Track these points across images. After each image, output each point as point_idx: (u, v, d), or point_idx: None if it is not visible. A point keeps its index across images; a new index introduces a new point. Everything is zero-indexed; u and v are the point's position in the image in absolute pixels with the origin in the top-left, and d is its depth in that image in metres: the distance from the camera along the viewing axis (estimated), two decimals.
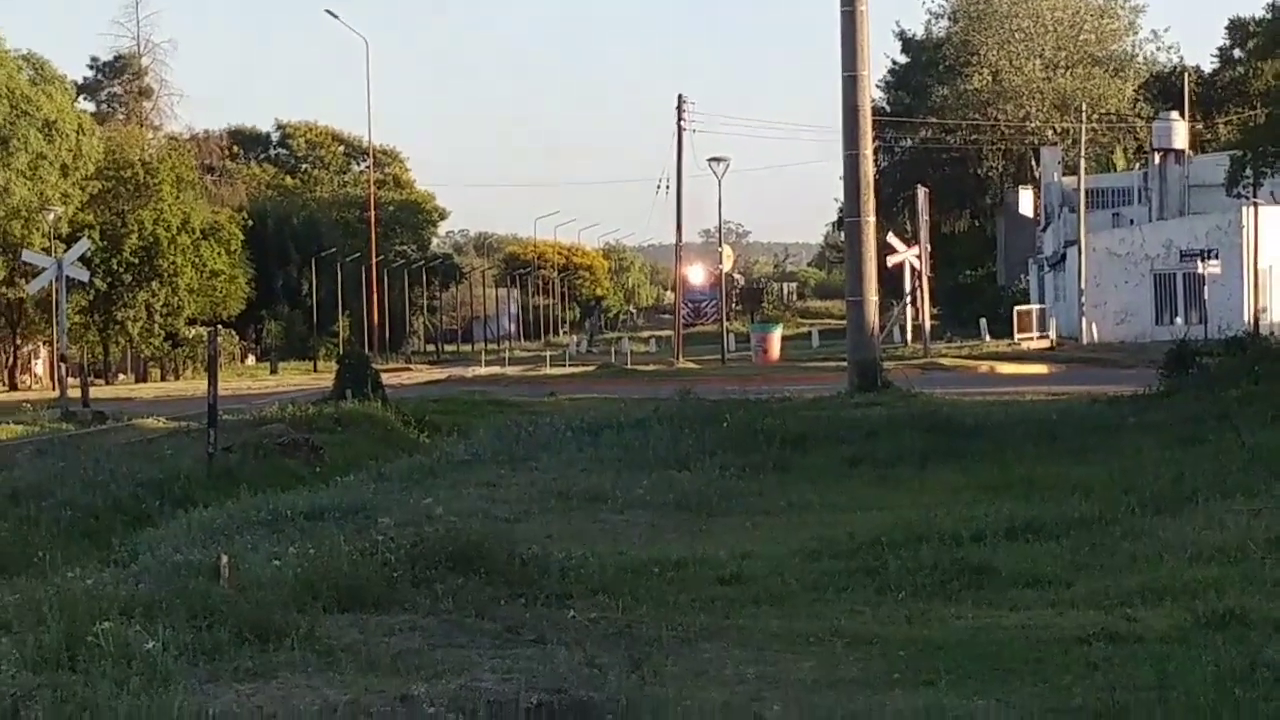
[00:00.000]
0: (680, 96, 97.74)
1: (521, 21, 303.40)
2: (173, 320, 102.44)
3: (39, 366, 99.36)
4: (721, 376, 65.27)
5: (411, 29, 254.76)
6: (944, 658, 14.30)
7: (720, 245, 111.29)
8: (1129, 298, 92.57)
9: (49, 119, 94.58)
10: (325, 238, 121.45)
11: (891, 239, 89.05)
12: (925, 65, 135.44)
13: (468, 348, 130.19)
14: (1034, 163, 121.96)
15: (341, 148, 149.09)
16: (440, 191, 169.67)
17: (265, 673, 13.22)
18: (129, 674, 12.51)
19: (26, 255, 77.28)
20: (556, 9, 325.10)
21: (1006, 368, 72.63)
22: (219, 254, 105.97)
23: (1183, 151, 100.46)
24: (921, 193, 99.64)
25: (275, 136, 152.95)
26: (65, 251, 73.37)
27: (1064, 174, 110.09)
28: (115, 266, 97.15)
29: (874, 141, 59.67)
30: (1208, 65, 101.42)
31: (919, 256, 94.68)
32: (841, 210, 64.54)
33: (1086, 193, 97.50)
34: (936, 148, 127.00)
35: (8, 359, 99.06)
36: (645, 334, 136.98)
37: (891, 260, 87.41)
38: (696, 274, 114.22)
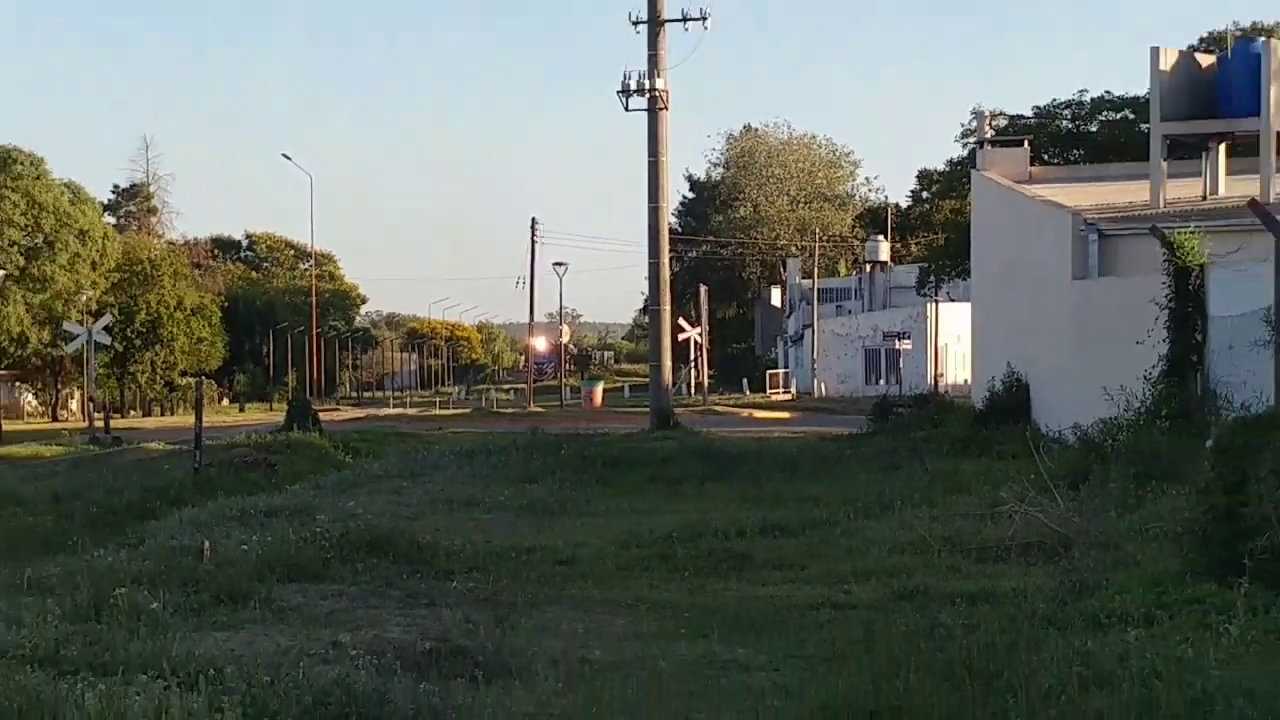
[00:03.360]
0: (534, 219, 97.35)
1: (439, 143, 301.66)
2: (170, 372, 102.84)
3: (73, 404, 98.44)
4: (560, 418, 64.89)
5: (341, 158, 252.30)
6: (716, 619, 14.34)
7: (560, 324, 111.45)
8: (847, 365, 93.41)
9: (83, 229, 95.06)
10: (280, 316, 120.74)
11: (681, 322, 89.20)
12: (706, 199, 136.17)
13: (381, 394, 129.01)
14: (782, 269, 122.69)
15: (292, 251, 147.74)
16: (362, 282, 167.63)
17: (236, 625, 13.22)
18: (138, 625, 12.46)
19: (66, 325, 76.99)
20: (444, 147, 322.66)
21: (761, 413, 72.71)
22: (204, 326, 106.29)
23: (886, 263, 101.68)
24: (703, 290, 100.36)
25: (244, 242, 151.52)
26: (94, 322, 72.91)
27: (803, 277, 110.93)
28: (129, 334, 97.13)
29: (670, 252, 59.65)
30: (904, 202, 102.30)
31: (700, 334, 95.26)
32: (647, 301, 64.59)
33: (818, 291, 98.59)
34: (714, 258, 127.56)
35: (51, 399, 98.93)
36: (507, 386, 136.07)
37: (681, 336, 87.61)
38: (540, 344, 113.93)
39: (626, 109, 53.76)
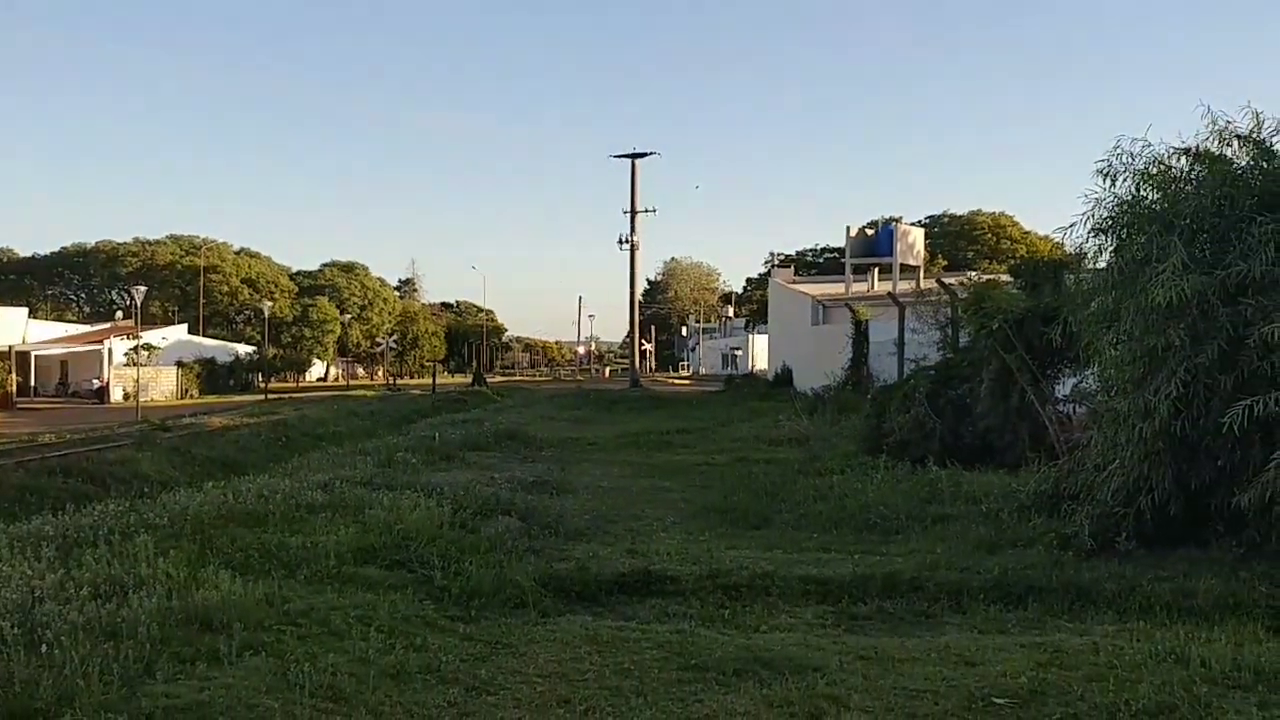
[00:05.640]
0: (580, 298, 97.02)
1: (528, 248, 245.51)
2: (422, 360, 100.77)
3: (380, 373, 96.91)
4: (590, 383, 64.56)
5: (499, 257, 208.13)
6: (657, 470, 14.18)
7: (592, 342, 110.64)
8: (715, 360, 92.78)
9: (385, 298, 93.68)
10: (469, 337, 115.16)
11: (643, 341, 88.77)
12: (656, 288, 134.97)
13: (512, 372, 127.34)
14: (687, 319, 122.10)
15: (475, 308, 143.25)
16: (506, 321, 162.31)
17: (448, 469, 12.96)
18: (408, 467, 12.34)
19: (378, 340, 76.24)
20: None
21: (677, 383, 72.06)
22: (437, 340, 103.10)
23: (731, 317, 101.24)
24: (653, 328, 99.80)
25: (455, 304, 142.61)
26: (389, 338, 72.36)
27: (696, 322, 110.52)
28: (404, 343, 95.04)
29: (640, 312, 59.55)
30: (740, 289, 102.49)
31: (652, 347, 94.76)
32: (628, 334, 64.50)
33: (702, 329, 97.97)
34: (659, 314, 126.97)
35: (370, 372, 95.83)
36: (568, 369, 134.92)
37: (643, 347, 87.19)
38: (581, 350, 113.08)
39: (620, 250, 53.95)
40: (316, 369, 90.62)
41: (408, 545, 7.40)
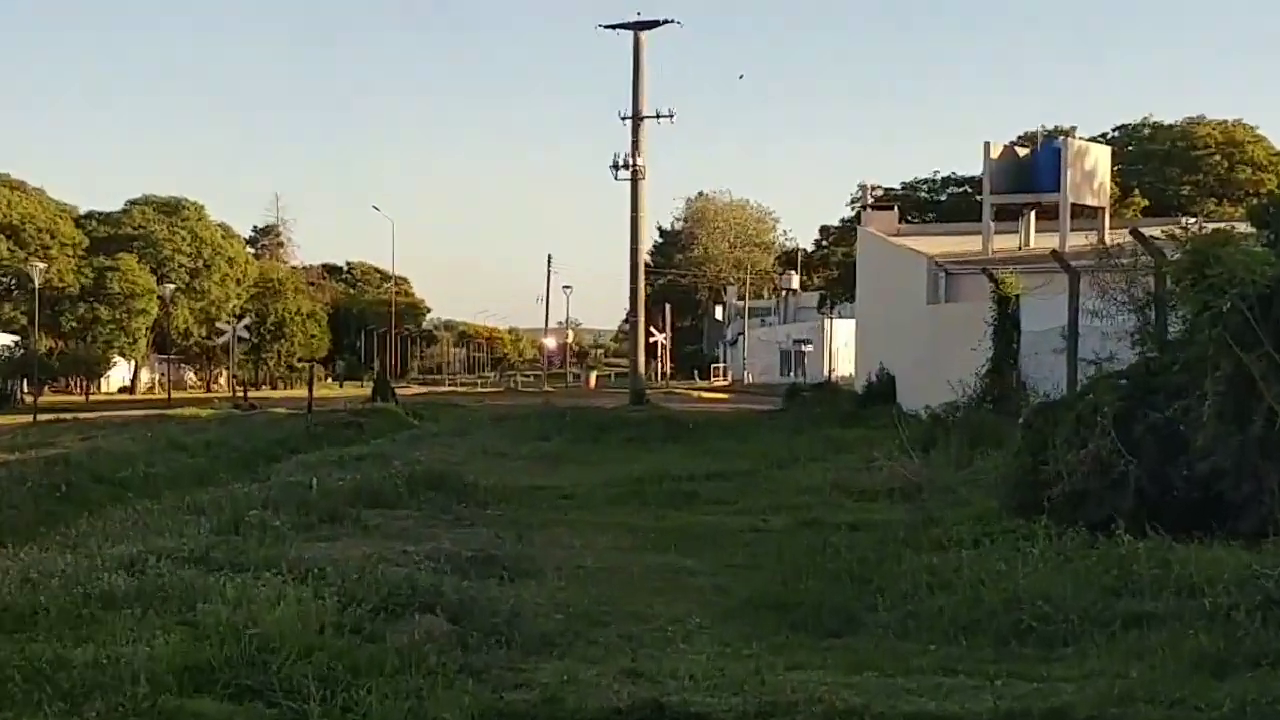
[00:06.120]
0: (549, 256, 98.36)
1: (480, 198, 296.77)
2: (291, 359, 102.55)
3: (222, 380, 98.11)
4: (565, 395, 64.86)
5: (420, 207, 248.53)
6: (672, 538, 14.23)
7: (567, 329, 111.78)
8: (767, 361, 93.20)
9: (231, 257, 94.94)
10: (368, 320, 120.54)
11: (652, 329, 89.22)
12: (671, 243, 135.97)
13: (438, 377, 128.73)
14: (723, 294, 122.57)
15: (378, 274, 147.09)
16: (428, 296, 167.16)
17: (334, 538, 13.06)
18: (265, 537, 12.35)
19: (219, 325, 76.91)
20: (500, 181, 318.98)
21: (706, 395, 72.62)
22: (315, 326, 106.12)
23: (796, 290, 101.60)
24: (667, 307, 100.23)
25: (344, 267, 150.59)
26: (239, 323, 72.85)
27: (737, 299, 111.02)
28: (262, 331, 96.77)
29: (645, 279, 59.74)
30: (810, 247, 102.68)
31: (665, 338, 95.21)
32: (628, 314, 64.66)
33: (748, 309, 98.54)
34: (676, 284, 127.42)
35: (206, 376, 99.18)
36: (528, 373, 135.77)
37: (651, 339, 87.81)
38: (551, 343, 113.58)
39: (616, 179, 54.03)
40: (119, 373, 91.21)
41: (266, 662, 7.45)
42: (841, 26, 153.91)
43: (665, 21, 54.84)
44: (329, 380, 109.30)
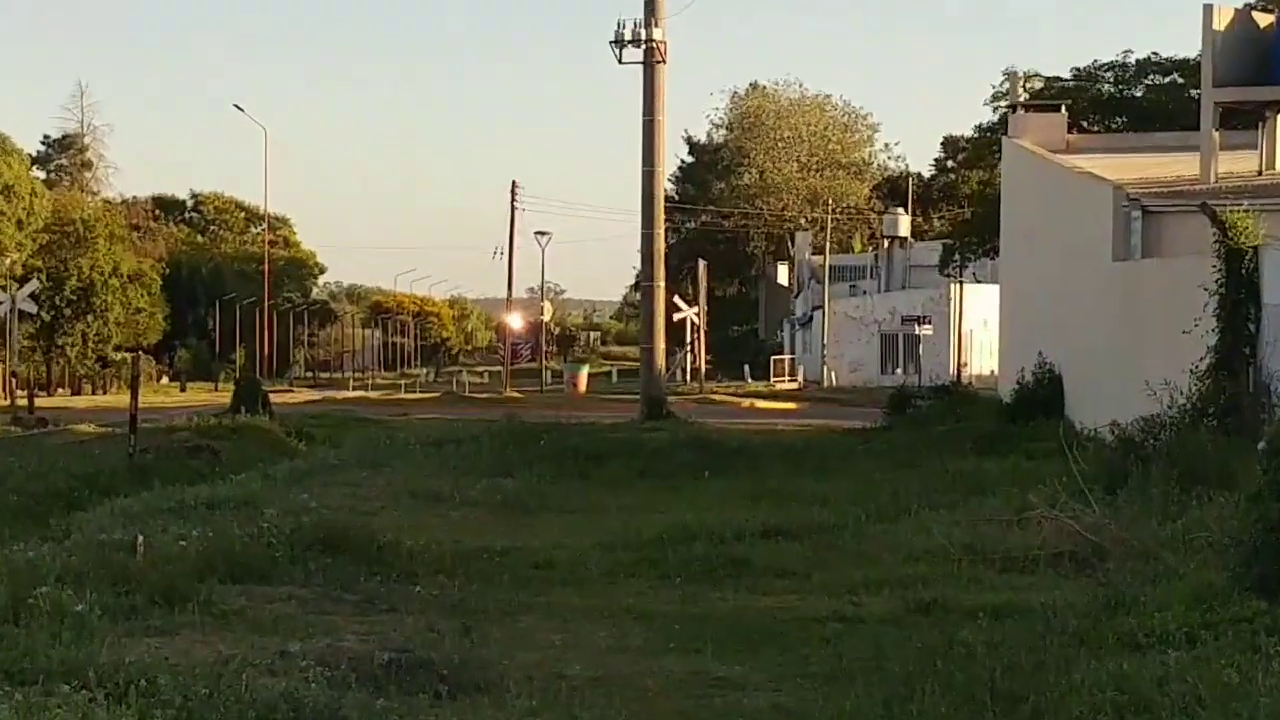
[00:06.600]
0: (514, 182, 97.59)
1: (404, 109, 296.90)
2: (103, 346, 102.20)
3: None
4: (540, 405, 64.90)
5: (302, 115, 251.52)
6: (709, 631, 14.33)
7: (542, 300, 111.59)
8: (860, 351, 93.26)
9: (8, 183, 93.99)
10: (228, 285, 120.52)
11: (676, 300, 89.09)
12: (707, 164, 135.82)
13: (340, 375, 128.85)
14: (790, 243, 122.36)
15: (243, 214, 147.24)
16: (321, 250, 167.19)
17: (171, 630, 13.13)
18: (61, 629, 12.34)
19: None
20: (427, 110, 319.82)
21: (764, 404, 72.61)
22: (142, 295, 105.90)
23: (906, 239, 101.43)
24: (701, 265, 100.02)
25: (190, 203, 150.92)
26: (18, 289, 72.68)
27: (813, 253, 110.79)
28: (58, 302, 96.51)
29: (666, 223, 59.60)
30: (927, 172, 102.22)
31: (698, 314, 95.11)
32: (639, 276, 64.60)
33: (830, 269, 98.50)
34: (714, 229, 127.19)
35: None
36: (480, 369, 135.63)
37: (676, 316, 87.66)
38: (518, 322, 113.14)
39: (620, 61, 53.81)
40: None
41: None
42: None
43: None
44: (164, 380, 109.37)
